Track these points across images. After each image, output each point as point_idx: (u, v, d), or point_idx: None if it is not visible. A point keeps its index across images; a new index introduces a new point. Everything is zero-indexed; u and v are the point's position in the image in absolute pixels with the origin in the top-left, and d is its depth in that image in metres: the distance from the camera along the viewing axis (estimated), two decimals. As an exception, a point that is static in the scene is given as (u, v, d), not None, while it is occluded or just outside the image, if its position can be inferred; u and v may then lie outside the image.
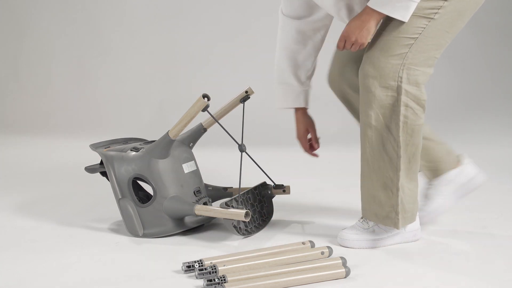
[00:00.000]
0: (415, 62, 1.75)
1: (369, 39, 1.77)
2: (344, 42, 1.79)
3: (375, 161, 1.79)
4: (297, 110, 2.12)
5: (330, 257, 1.72)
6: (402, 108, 1.75)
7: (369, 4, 1.73)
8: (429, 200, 2.00)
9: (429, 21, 1.74)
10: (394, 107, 1.75)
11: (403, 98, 1.74)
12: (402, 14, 1.71)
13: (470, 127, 3.96)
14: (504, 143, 3.64)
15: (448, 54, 4.53)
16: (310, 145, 2.16)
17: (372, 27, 1.75)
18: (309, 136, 2.14)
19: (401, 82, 1.74)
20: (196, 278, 1.60)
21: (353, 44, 1.77)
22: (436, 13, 1.73)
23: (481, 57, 4.57)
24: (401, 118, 1.75)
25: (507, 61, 4.61)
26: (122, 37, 4.77)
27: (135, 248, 1.88)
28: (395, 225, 1.81)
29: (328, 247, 1.74)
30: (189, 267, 1.64)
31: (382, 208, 1.81)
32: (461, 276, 1.62)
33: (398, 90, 1.74)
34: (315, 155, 2.18)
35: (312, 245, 1.80)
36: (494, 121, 4.11)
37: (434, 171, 2.00)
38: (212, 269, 1.59)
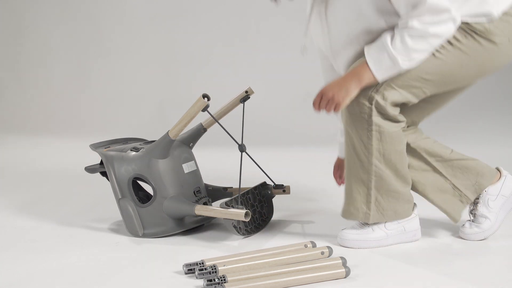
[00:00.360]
0: (397, 83, 1.74)
1: (346, 101, 1.72)
2: (320, 98, 1.75)
3: (349, 160, 1.84)
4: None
5: (330, 257, 1.72)
6: (375, 118, 1.75)
7: (365, 49, 1.73)
8: (481, 218, 1.90)
9: (430, 56, 1.73)
10: (368, 116, 1.75)
11: (374, 109, 1.75)
12: (381, 77, 1.72)
13: (470, 127, 3.96)
14: (504, 143, 3.64)
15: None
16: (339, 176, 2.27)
17: (351, 89, 1.72)
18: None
19: (376, 93, 1.74)
20: (196, 278, 1.60)
21: (328, 101, 1.72)
22: (438, 51, 1.72)
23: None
24: (374, 127, 1.76)
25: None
26: (122, 37, 4.77)
27: (135, 248, 1.88)
28: (366, 219, 1.82)
29: (328, 247, 1.74)
30: (190, 270, 1.63)
31: (353, 204, 1.84)
32: (462, 276, 1.62)
33: (370, 100, 1.74)
34: (339, 184, 2.27)
35: (314, 245, 1.79)
36: (494, 121, 4.10)
37: (477, 188, 1.91)
38: (212, 269, 1.59)
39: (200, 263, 1.64)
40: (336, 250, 1.80)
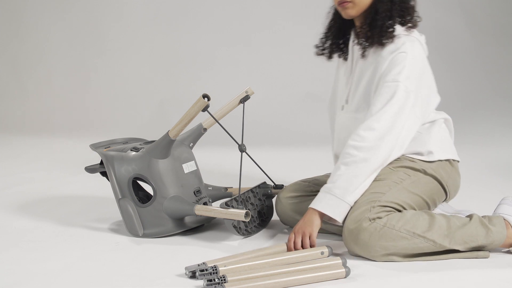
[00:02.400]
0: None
1: (315, 230, 1.78)
2: (293, 239, 1.78)
3: None
4: None
5: (330, 257, 1.72)
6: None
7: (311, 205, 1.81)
8: None
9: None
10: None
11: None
12: (337, 214, 1.77)
13: (470, 128, 3.96)
14: (504, 143, 3.64)
15: (448, 54, 4.55)
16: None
17: (315, 220, 1.79)
18: None
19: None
20: (197, 278, 1.60)
21: (302, 237, 1.77)
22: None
23: (480, 58, 4.58)
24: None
25: (506, 61, 4.61)
26: (122, 37, 4.78)
27: (135, 248, 1.88)
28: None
29: (328, 247, 1.74)
30: (193, 276, 1.61)
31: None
32: (461, 275, 1.62)
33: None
34: None
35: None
36: (494, 121, 4.11)
37: None
38: (213, 269, 1.59)
39: (201, 265, 1.63)
40: (336, 250, 1.80)
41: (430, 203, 1.90)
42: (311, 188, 2.04)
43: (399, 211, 1.77)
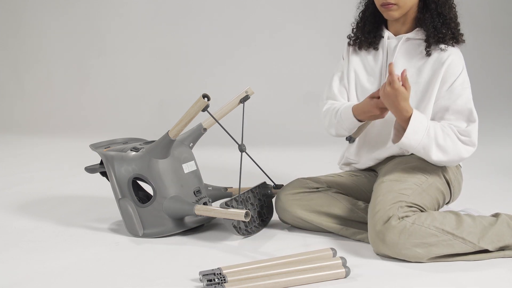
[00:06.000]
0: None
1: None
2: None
3: None
4: None
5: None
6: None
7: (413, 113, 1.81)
8: None
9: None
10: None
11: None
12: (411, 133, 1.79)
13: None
14: (504, 143, 3.64)
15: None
16: None
17: (404, 109, 1.79)
18: None
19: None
20: (200, 281, 1.59)
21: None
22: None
23: (480, 58, 4.58)
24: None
25: (506, 61, 4.61)
26: (122, 37, 4.78)
27: (135, 248, 1.88)
28: None
29: (332, 249, 1.73)
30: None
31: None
32: (461, 275, 1.62)
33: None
34: None
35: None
36: (494, 121, 4.11)
37: None
38: (218, 274, 1.58)
39: (217, 273, 1.60)
40: (339, 251, 1.80)
41: (440, 204, 1.94)
42: (311, 184, 2.04)
43: (422, 212, 1.78)
